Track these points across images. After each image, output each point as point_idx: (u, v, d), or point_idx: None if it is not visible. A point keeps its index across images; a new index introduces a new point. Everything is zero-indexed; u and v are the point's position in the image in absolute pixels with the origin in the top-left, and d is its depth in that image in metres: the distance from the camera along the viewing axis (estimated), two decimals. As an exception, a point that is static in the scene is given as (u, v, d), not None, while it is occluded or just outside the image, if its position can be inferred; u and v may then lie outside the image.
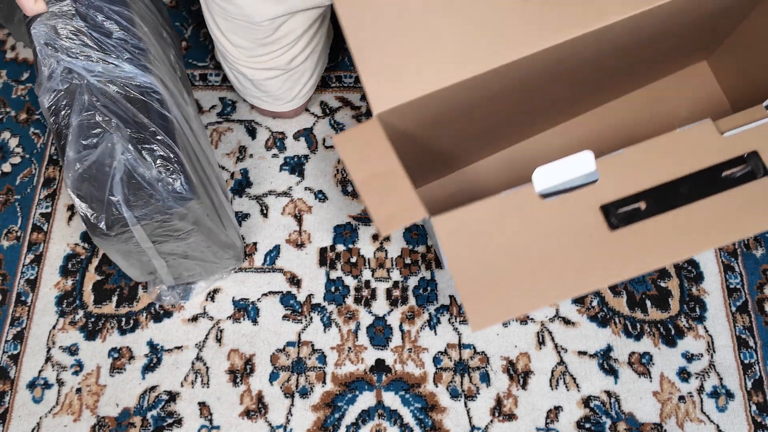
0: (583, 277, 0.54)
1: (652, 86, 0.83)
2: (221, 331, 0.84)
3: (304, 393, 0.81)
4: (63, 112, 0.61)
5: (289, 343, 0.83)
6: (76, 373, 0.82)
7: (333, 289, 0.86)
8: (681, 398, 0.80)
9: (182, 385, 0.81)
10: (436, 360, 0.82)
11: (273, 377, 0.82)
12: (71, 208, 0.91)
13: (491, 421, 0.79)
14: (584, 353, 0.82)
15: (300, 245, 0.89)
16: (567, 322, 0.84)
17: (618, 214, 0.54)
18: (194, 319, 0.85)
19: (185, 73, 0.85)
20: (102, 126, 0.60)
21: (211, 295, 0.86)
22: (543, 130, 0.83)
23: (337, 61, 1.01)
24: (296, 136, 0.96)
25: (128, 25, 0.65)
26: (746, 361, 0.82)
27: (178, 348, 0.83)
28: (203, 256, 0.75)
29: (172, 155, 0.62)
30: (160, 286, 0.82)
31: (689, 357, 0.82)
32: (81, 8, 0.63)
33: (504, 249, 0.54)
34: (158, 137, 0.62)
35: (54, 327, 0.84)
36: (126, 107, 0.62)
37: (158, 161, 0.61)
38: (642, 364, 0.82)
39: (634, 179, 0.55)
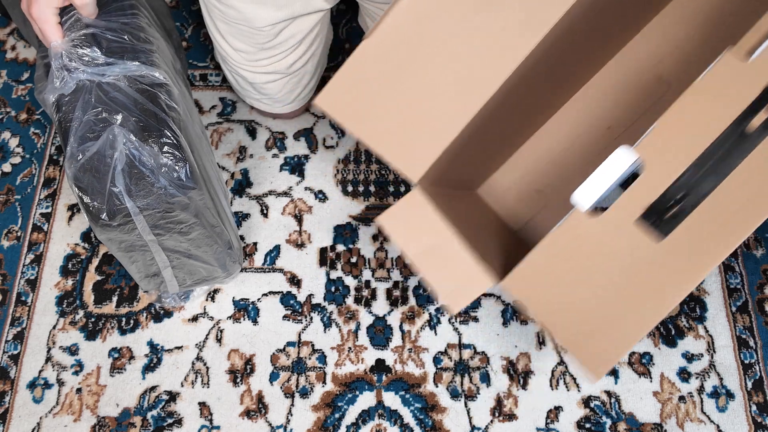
0: (657, 302, 0.51)
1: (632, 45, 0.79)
2: (221, 331, 0.84)
3: (305, 393, 0.81)
4: (66, 108, 0.62)
5: (289, 343, 0.83)
6: (76, 373, 0.82)
7: (333, 289, 0.86)
8: (681, 398, 0.80)
9: (182, 385, 0.81)
10: (436, 360, 0.82)
11: (273, 377, 0.82)
12: (71, 208, 0.91)
13: (491, 421, 0.79)
14: (584, 353, 0.82)
15: (300, 245, 0.89)
16: (567, 322, 0.84)
17: (662, 219, 0.50)
18: (194, 319, 0.85)
19: (189, 87, 0.86)
20: (108, 121, 0.61)
21: (212, 295, 0.86)
22: (546, 120, 0.82)
23: (337, 61, 1.01)
24: (296, 136, 0.96)
25: (137, 31, 0.66)
26: (746, 361, 0.82)
27: (179, 348, 0.83)
28: (207, 257, 0.75)
29: (177, 144, 0.62)
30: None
31: (689, 357, 0.82)
32: (90, 20, 0.63)
33: (581, 288, 0.52)
34: (165, 125, 0.62)
35: (54, 327, 0.84)
36: (134, 96, 0.62)
37: (165, 148, 0.62)
38: (642, 364, 0.82)
39: (669, 164, 0.50)
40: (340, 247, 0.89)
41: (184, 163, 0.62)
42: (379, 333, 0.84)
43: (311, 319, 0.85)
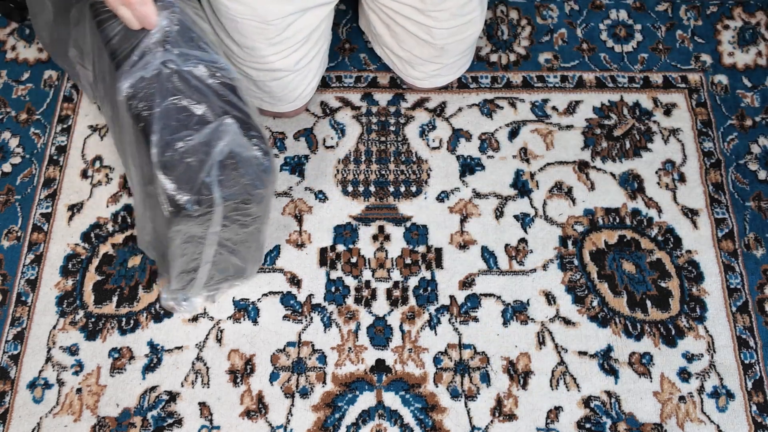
0: None
1: None
2: (221, 331, 0.84)
3: (305, 393, 0.81)
4: (142, 94, 0.61)
5: (289, 343, 0.83)
6: (76, 373, 0.82)
7: (333, 289, 0.86)
8: (681, 398, 0.80)
9: (182, 385, 0.81)
10: (436, 360, 0.82)
11: (273, 377, 0.82)
12: (71, 208, 0.91)
13: (491, 422, 0.79)
14: (584, 353, 0.82)
15: (300, 245, 0.89)
16: (567, 322, 0.84)
17: None
18: (194, 319, 0.85)
19: None
20: (190, 110, 0.60)
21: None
22: None
23: (337, 61, 1.01)
24: (296, 136, 0.96)
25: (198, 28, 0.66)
26: (746, 362, 0.82)
27: (179, 348, 0.83)
28: (246, 254, 0.75)
29: (261, 136, 0.63)
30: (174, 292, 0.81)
31: (689, 357, 0.82)
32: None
33: None
34: (249, 118, 0.62)
35: (54, 327, 0.84)
36: (214, 87, 0.62)
37: (253, 141, 0.62)
38: (642, 364, 0.82)
39: None
40: (340, 247, 0.89)
41: (268, 156, 0.62)
42: (379, 333, 0.84)
43: (311, 319, 0.85)
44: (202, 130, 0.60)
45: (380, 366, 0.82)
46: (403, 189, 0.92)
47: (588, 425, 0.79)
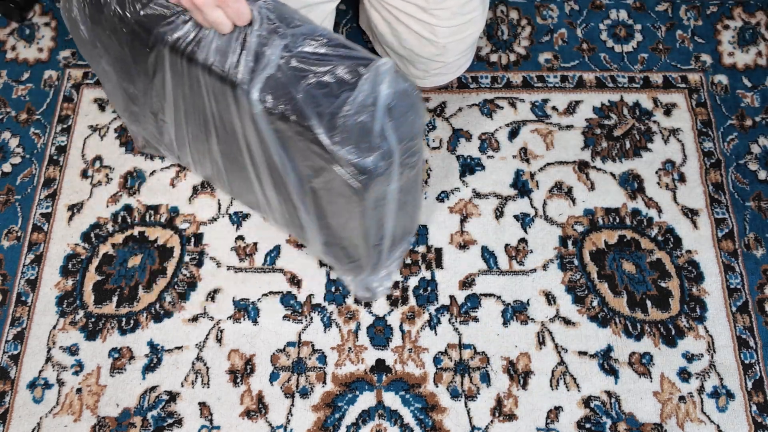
0: None
1: None
2: (221, 331, 0.84)
3: (305, 393, 0.81)
4: (274, 93, 0.59)
5: (289, 343, 0.83)
6: (76, 373, 0.82)
7: (333, 289, 0.86)
8: (681, 398, 0.80)
9: (182, 386, 0.81)
10: (436, 360, 0.82)
11: (273, 377, 0.82)
12: (71, 208, 0.91)
13: (491, 422, 0.79)
14: (584, 353, 0.82)
15: (300, 245, 0.89)
16: (567, 322, 0.84)
17: None
18: (194, 319, 0.85)
19: None
20: (324, 82, 0.58)
21: (212, 295, 0.86)
22: None
23: (337, 61, 1.01)
24: (296, 136, 0.96)
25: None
26: (747, 362, 0.82)
27: (179, 348, 0.83)
28: (413, 205, 0.74)
29: (395, 69, 0.61)
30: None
31: (690, 357, 0.82)
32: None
33: None
34: (373, 59, 0.61)
35: (54, 327, 0.84)
36: (329, 52, 0.60)
37: (387, 78, 0.59)
38: (642, 364, 0.82)
39: None
40: (340, 247, 0.89)
41: (413, 85, 0.61)
42: (379, 333, 0.84)
43: (311, 319, 0.85)
44: (358, 83, 0.58)
45: (380, 366, 0.82)
46: (403, 189, 0.92)
47: (588, 425, 0.79)
